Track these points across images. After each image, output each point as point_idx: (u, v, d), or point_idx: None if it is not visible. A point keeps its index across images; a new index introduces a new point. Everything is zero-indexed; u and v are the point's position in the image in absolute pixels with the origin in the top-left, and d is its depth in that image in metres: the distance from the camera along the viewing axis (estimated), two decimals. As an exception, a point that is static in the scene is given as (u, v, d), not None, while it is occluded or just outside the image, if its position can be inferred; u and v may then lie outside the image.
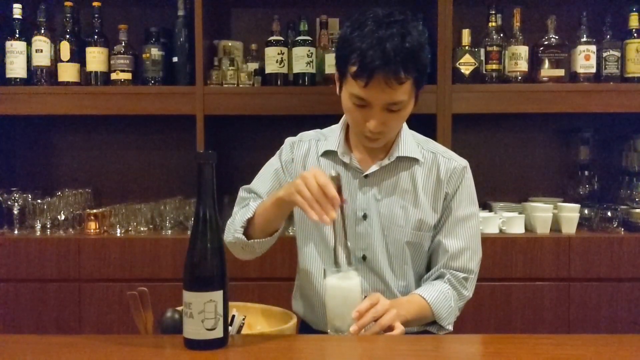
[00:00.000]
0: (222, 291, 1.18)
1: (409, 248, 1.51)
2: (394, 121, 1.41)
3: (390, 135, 1.46)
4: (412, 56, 1.34)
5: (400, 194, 1.51)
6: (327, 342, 1.25)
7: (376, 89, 1.33)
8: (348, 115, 1.46)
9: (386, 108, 1.37)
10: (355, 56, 1.34)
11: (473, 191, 1.57)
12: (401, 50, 1.32)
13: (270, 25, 2.59)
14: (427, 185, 1.52)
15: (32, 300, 2.43)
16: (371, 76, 1.31)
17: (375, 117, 1.37)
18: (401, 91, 1.35)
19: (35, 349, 1.23)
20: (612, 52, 2.55)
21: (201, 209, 1.21)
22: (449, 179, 1.53)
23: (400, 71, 1.31)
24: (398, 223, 1.50)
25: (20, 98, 2.53)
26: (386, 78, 1.31)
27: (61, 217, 2.53)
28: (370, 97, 1.35)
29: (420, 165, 1.52)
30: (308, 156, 1.58)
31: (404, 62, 1.32)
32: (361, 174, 1.52)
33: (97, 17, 2.60)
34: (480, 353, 1.18)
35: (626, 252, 2.40)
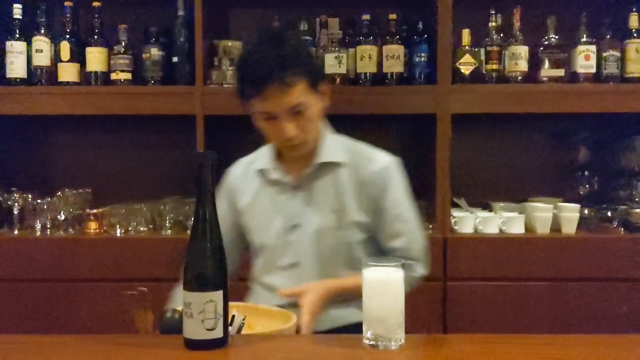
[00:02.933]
0: (222, 291, 1.18)
1: (342, 249, 1.58)
2: (305, 123, 1.48)
3: (308, 138, 1.52)
4: (294, 59, 1.43)
5: (328, 198, 1.57)
6: (327, 342, 1.25)
7: (272, 98, 1.42)
8: (265, 133, 1.55)
9: (291, 113, 1.45)
10: (245, 79, 1.46)
11: (402, 185, 1.65)
12: (282, 56, 1.42)
13: (270, 25, 2.59)
14: (352, 188, 1.57)
15: (32, 300, 2.43)
16: (261, 89, 1.42)
17: (285, 124, 1.46)
18: (295, 94, 1.43)
19: (35, 349, 1.23)
20: (612, 52, 2.55)
21: (201, 209, 1.21)
22: (374, 181, 1.58)
23: (284, 76, 1.40)
24: (328, 227, 1.56)
25: (20, 98, 2.53)
26: (274, 86, 1.41)
27: (61, 217, 2.53)
28: (271, 107, 1.44)
29: (344, 168, 1.59)
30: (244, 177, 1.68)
31: (284, 68, 1.41)
32: (291, 185, 1.60)
33: (97, 17, 2.60)
34: (479, 353, 1.18)
35: (626, 252, 2.40)
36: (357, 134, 2.85)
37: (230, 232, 1.64)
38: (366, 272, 1.20)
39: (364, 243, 1.61)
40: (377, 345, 1.18)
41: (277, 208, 1.60)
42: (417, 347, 1.19)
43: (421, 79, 2.55)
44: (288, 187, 1.60)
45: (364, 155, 1.62)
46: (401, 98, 2.50)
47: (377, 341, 1.18)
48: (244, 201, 1.65)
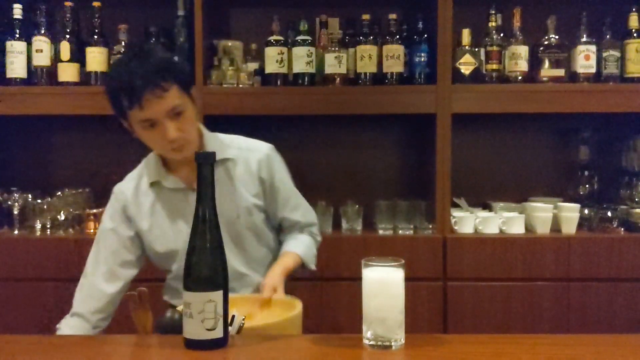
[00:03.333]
0: (222, 291, 1.18)
1: (250, 232, 1.71)
2: (184, 124, 1.55)
3: (190, 138, 1.59)
4: (160, 67, 1.51)
5: (225, 191, 1.65)
6: (327, 342, 1.25)
7: (150, 104, 1.49)
8: (149, 142, 1.61)
9: (171, 115, 1.52)
10: (120, 92, 1.52)
11: (284, 166, 1.80)
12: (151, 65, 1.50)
13: (270, 25, 2.59)
14: (243, 178, 1.70)
15: (32, 300, 2.43)
16: (139, 98, 1.48)
17: (168, 127, 1.52)
18: (171, 97, 1.51)
19: (35, 349, 1.23)
20: (612, 52, 2.55)
21: (200, 209, 1.21)
22: (260, 168, 1.72)
23: (158, 82, 1.49)
24: (232, 216, 1.67)
25: (20, 98, 2.53)
26: (151, 93, 1.48)
27: (61, 217, 2.53)
28: (151, 114, 1.51)
29: (232, 162, 1.70)
30: (138, 194, 1.71)
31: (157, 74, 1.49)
32: (187, 188, 1.66)
33: (97, 17, 2.60)
34: (480, 353, 1.18)
35: (626, 252, 2.40)
36: (358, 134, 2.87)
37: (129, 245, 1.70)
38: (366, 272, 1.20)
39: (265, 221, 1.76)
40: (377, 345, 1.18)
41: (180, 214, 1.66)
42: (417, 347, 1.19)
43: (421, 79, 2.55)
44: (185, 192, 1.66)
45: (245, 147, 1.73)
46: (401, 98, 2.50)
47: (377, 341, 1.18)
48: (142, 214, 1.69)
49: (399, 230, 2.51)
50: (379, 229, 2.53)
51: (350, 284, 2.39)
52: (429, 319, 2.41)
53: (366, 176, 2.84)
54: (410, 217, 2.52)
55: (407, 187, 2.81)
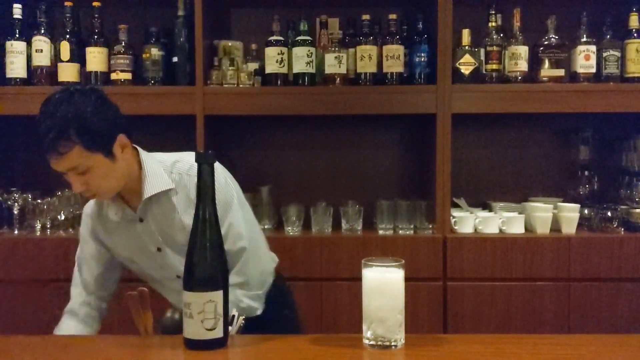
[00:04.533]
0: (222, 291, 1.18)
1: None
2: (90, 179, 1.50)
3: (100, 190, 1.54)
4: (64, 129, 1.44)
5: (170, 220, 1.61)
6: (327, 342, 1.25)
7: (53, 162, 1.49)
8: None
9: (74, 173, 1.49)
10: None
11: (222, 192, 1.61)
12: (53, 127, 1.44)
13: (270, 25, 2.59)
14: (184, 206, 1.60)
15: (32, 300, 2.43)
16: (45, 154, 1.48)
17: (72, 181, 1.51)
18: (70, 159, 1.46)
19: (35, 349, 1.23)
20: (612, 52, 2.55)
21: (201, 209, 1.21)
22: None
23: (57, 146, 1.45)
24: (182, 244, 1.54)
25: (20, 98, 2.53)
26: (48, 152, 1.47)
27: (61, 217, 2.53)
28: (56, 168, 1.50)
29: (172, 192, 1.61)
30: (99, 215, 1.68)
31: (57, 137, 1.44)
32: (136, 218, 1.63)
33: (97, 17, 2.60)
34: (480, 353, 1.18)
35: (626, 252, 2.40)
36: (358, 134, 2.87)
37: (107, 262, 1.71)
38: (366, 272, 1.20)
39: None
40: (377, 345, 1.18)
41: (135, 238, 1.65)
42: (417, 347, 1.19)
43: (421, 79, 2.55)
44: (135, 220, 1.63)
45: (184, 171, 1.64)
46: (401, 98, 2.50)
47: (377, 341, 1.18)
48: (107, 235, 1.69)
49: (399, 230, 2.51)
50: (379, 229, 2.53)
51: (350, 284, 2.39)
52: (429, 319, 2.41)
53: (366, 176, 2.85)
54: (410, 217, 2.52)
55: (407, 187, 2.81)
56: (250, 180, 2.69)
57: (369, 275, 1.20)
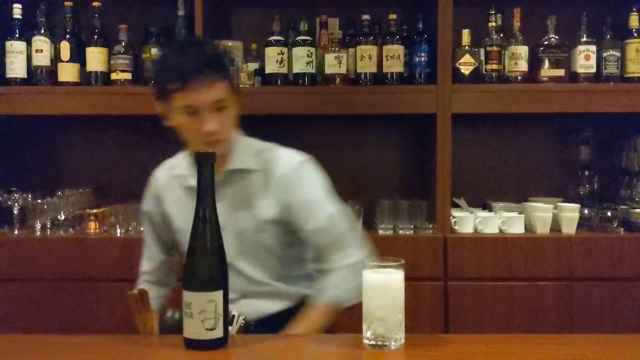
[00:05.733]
0: (222, 291, 1.18)
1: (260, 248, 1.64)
2: (225, 120, 1.55)
3: (226, 136, 1.58)
4: (216, 61, 1.54)
5: (242, 201, 1.62)
6: (328, 342, 1.25)
7: (196, 91, 1.49)
8: (185, 131, 1.58)
9: (214, 108, 1.51)
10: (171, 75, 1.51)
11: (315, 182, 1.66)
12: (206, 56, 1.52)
13: (270, 25, 2.59)
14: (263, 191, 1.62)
15: (32, 300, 2.43)
16: (187, 82, 1.48)
17: (208, 118, 1.51)
18: (218, 90, 1.51)
19: (35, 349, 1.23)
20: (612, 52, 2.55)
21: (201, 209, 1.21)
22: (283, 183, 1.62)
23: (209, 72, 1.50)
24: (246, 228, 1.62)
25: (20, 98, 2.53)
26: (201, 78, 1.49)
27: (61, 217, 2.53)
28: (195, 100, 1.50)
29: (254, 174, 1.63)
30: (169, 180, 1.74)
31: (211, 63, 1.52)
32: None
33: (97, 17, 2.60)
34: (481, 353, 1.18)
35: (626, 252, 2.40)
36: (358, 134, 2.87)
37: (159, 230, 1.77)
38: (366, 273, 1.20)
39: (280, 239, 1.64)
40: (377, 345, 1.18)
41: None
42: (417, 347, 1.19)
43: (421, 79, 2.55)
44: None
45: (272, 160, 1.66)
46: (401, 98, 2.50)
47: (377, 341, 1.18)
48: (169, 204, 1.71)
49: (399, 230, 2.51)
50: (379, 229, 2.53)
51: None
52: (430, 319, 2.41)
53: (366, 176, 2.84)
54: (411, 217, 2.52)
55: (407, 187, 2.81)
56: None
57: (369, 276, 1.20)
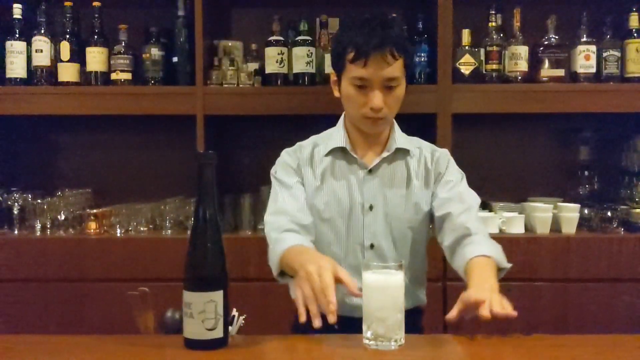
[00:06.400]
0: (222, 291, 1.18)
1: (410, 231, 1.67)
2: (391, 99, 1.58)
3: (389, 116, 1.62)
4: (400, 39, 1.56)
5: (399, 183, 1.67)
6: (327, 342, 1.25)
7: (374, 66, 1.52)
8: (350, 102, 1.60)
9: (384, 85, 1.54)
10: (351, 46, 1.54)
11: (458, 169, 1.75)
12: (390, 33, 1.54)
13: (270, 25, 2.59)
14: (419, 174, 1.69)
15: (33, 300, 2.43)
16: (368, 55, 1.51)
17: (376, 94, 1.54)
18: (395, 67, 1.54)
19: (36, 349, 1.23)
20: (612, 52, 2.55)
21: (201, 209, 1.21)
22: (436, 164, 1.71)
23: (393, 48, 1.53)
24: (399, 210, 1.66)
25: (20, 98, 2.53)
26: (382, 54, 1.51)
27: (61, 217, 2.53)
28: (370, 74, 1.53)
29: (411, 157, 1.70)
30: (312, 159, 1.71)
31: (394, 41, 1.53)
32: (365, 167, 1.66)
33: (97, 17, 2.60)
34: (480, 353, 1.18)
35: (626, 253, 2.40)
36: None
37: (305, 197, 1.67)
38: (366, 273, 1.20)
39: (426, 225, 1.70)
40: (377, 345, 1.18)
41: (350, 188, 1.66)
42: (417, 347, 1.19)
43: (421, 78, 2.55)
44: (362, 169, 1.67)
45: (425, 147, 1.74)
46: (401, 98, 2.49)
47: (377, 341, 1.18)
48: (315, 177, 1.68)
49: (399, 230, 2.51)
50: (379, 229, 2.52)
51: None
52: (429, 319, 2.40)
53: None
54: (411, 217, 2.52)
55: (407, 187, 2.81)
56: (250, 180, 2.69)
57: (369, 276, 1.20)
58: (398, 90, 1.58)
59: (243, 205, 2.55)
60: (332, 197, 1.66)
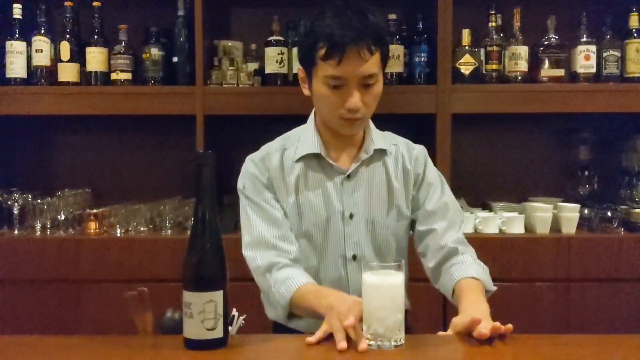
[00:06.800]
0: (222, 291, 1.18)
1: (394, 238, 1.58)
2: (370, 98, 1.45)
3: (367, 115, 1.49)
4: (378, 30, 1.40)
5: (378, 187, 1.56)
6: (328, 342, 1.24)
7: (350, 63, 1.37)
8: (324, 103, 1.46)
9: (361, 83, 1.41)
10: (322, 40, 1.38)
11: (435, 169, 1.65)
12: (367, 25, 1.38)
13: (270, 25, 2.59)
14: (397, 174, 1.58)
15: (32, 300, 2.43)
16: (344, 51, 1.35)
17: (353, 93, 1.41)
18: (372, 63, 1.40)
19: (35, 350, 1.23)
20: (612, 52, 2.55)
21: (200, 210, 1.21)
22: (415, 163, 1.60)
23: (370, 42, 1.37)
24: (381, 216, 1.55)
25: (20, 98, 2.53)
26: (359, 49, 1.36)
27: (61, 217, 2.53)
28: (345, 72, 1.38)
29: (388, 156, 1.58)
30: (283, 168, 1.56)
31: (372, 34, 1.38)
32: (342, 173, 1.54)
33: (97, 17, 2.60)
34: (480, 353, 1.18)
35: (626, 252, 2.40)
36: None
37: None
38: (366, 272, 1.20)
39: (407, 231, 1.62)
40: (377, 345, 1.18)
41: (327, 196, 1.53)
42: (417, 347, 1.19)
43: (421, 79, 2.55)
44: (338, 175, 1.54)
45: (401, 144, 1.63)
46: (401, 98, 2.50)
47: (377, 341, 1.18)
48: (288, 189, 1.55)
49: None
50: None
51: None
52: (429, 319, 2.41)
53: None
54: (410, 217, 2.52)
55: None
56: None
57: (370, 276, 1.20)
58: (376, 87, 1.45)
59: (243, 205, 2.55)
60: (307, 207, 1.54)
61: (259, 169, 1.56)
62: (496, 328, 1.21)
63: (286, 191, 1.55)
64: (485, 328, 1.20)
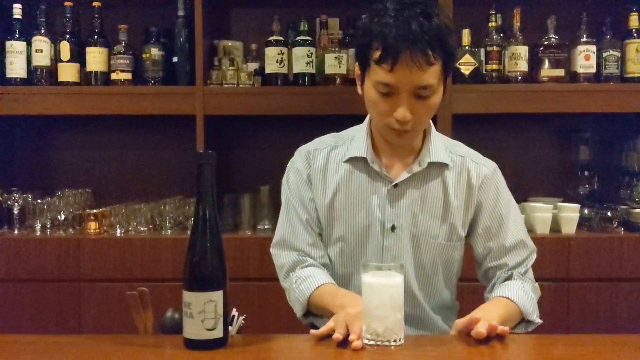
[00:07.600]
0: (222, 291, 1.18)
1: (440, 260, 1.47)
2: (422, 110, 1.32)
3: (418, 128, 1.38)
4: (439, 36, 1.25)
5: (431, 203, 1.44)
6: (328, 342, 1.24)
7: (403, 71, 1.25)
8: (372, 108, 1.36)
9: (414, 94, 1.29)
10: (377, 41, 1.27)
11: (506, 188, 1.53)
12: (428, 29, 1.24)
13: (270, 25, 2.59)
14: (458, 192, 1.45)
15: (32, 300, 2.43)
16: (397, 57, 1.23)
17: (403, 104, 1.29)
18: (430, 73, 1.26)
19: (35, 349, 1.23)
20: (612, 52, 2.55)
21: (201, 209, 1.21)
22: (481, 185, 1.47)
23: (428, 50, 1.24)
24: (429, 234, 1.45)
25: (20, 98, 2.53)
26: (414, 58, 1.23)
27: (61, 217, 2.53)
28: (397, 81, 1.27)
29: (450, 171, 1.45)
30: (327, 167, 1.49)
31: (431, 40, 1.24)
32: (390, 182, 1.45)
33: (97, 17, 2.60)
34: (479, 353, 1.18)
35: (626, 252, 2.40)
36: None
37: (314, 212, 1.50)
38: (365, 273, 1.20)
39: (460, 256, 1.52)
40: (377, 344, 1.18)
41: (368, 203, 1.44)
42: (416, 347, 1.19)
43: (421, 79, 2.55)
44: (384, 183, 1.44)
45: (469, 157, 1.49)
46: (401, 98, 2.49)
47: (377, 340, 1.18)
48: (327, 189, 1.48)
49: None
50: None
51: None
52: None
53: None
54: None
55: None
56: (250, 180, 2.69)
57: (369, 276, 1.20)
58: (432, 99, 1.32)
59: (243, 205, 2.55)
60: (345, 211, 1.46)
61: (303, 163, 1.51)
62: (493, 327, 1.20)
63: (324, 191, 1.48)
64: (482, 327, 1.18)
